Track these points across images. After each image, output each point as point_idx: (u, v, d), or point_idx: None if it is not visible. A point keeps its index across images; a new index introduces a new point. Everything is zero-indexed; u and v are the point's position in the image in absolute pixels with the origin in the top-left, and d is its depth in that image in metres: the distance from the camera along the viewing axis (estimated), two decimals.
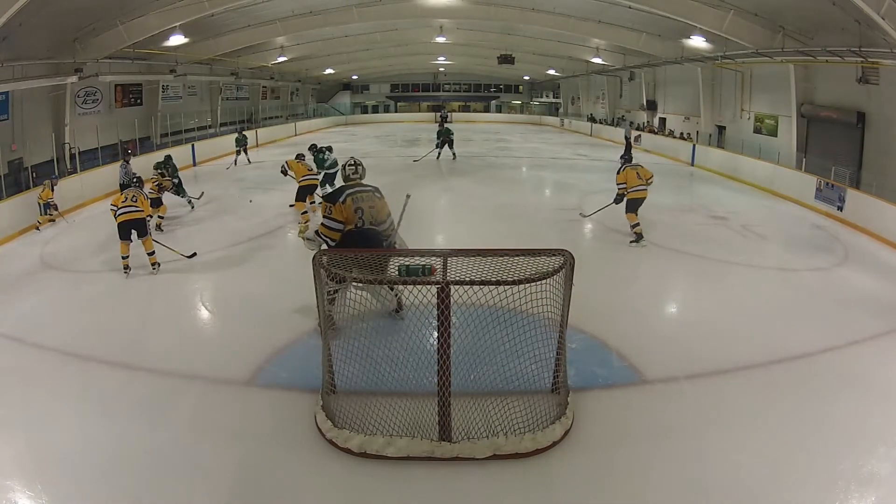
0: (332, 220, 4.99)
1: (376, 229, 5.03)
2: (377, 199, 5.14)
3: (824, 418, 4.05)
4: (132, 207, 6.98)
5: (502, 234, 8.80)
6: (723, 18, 12.78)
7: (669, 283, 7.13)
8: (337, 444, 3.67)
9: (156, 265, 7.13)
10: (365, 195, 5.09)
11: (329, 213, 5.01)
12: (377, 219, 5.07)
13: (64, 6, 10.89)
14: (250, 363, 4.73)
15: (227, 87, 22.89)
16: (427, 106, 37.77)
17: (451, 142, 16.92)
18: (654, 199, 12.04)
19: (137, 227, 7.01)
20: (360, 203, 5.01)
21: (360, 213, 4.97)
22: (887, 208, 9.15)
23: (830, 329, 5.53)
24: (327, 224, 5.02)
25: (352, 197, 5.01)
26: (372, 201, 5.08)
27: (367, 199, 5.07)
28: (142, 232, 7.06)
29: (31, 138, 12.34)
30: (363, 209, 5.00)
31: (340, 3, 16.23)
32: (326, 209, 5.05)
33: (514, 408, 3.76)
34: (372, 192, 5.16)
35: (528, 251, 3.85)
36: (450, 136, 16.96)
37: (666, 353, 4.96)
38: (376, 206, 5.09)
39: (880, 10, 8.80)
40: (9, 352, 5.07)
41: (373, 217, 5.03)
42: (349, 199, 4.98)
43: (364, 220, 4.99)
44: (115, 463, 3.52)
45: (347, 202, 4.97)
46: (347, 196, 5.00)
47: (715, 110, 18.22)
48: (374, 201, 5.11)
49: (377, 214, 5.08)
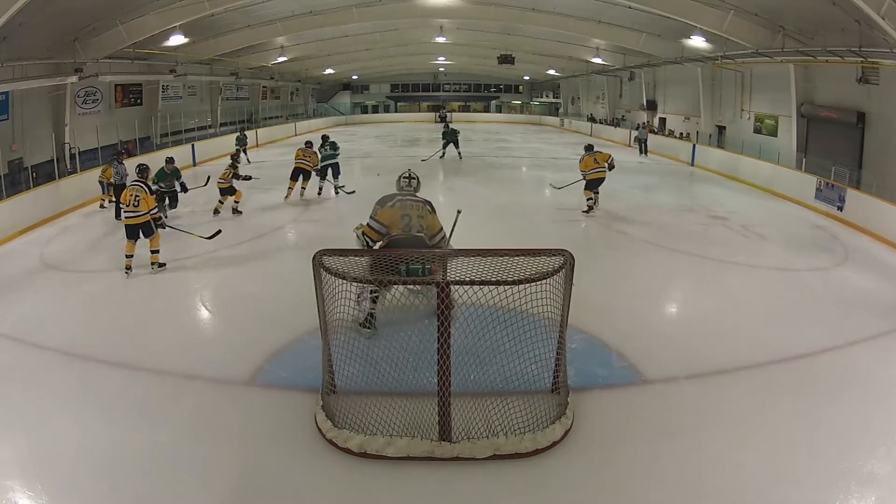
0: (375, 221, 5.18)
1: (422, 237, 5.12)
2: (427, 212, 5.26)
3: (824, 418, 4.05)
4: (134, 212, 6.96)
5: (502, 234, 8.80)
6: (723, 18, 12.77)
7: (669, 284, 7.13)
8: (337, 444, 3.66)
9: (155, 265, 7.12)
10: (415, 204, 5.23)
11: (375, 214, 5.21)
12: (427, 230, 5.18)
13: (64, 6, 10.89)
14: (250, 363, 4.72)
15: (227, 87, 22.89)
16: (427, 106, 37.80)
17: (456, 142, 16.91)
18: (654, 199, 12.13)
19: (143, 229, 7.01)
20: (408, 210, 5.15)
21: (406, 220, 5.11)
22: (887, 208, 9.14)
23: (830, 329, 5.53)
24: (371, 224, 5.19)
25: (401, 203, 5.19)
26: (421, 212, 5.21)
27: (416, 208, 5.20)
28: (147, 232, 7.04)
29: (31, 138, 12.33)
30: (410, 216, 5.13)
31: (340, 3, 16.23)
32: (375, 211, 5.24)
33: (514, 408, 3.76)
34: (423, 204, 5.28)
35: (528, 251, 3.85)
36: (455, 136, 16.96)
37: (666, 353, 4.95)
38: (426, 218, 5.21)
39: (880, 10, 8.80)
40: (9, 352, 5.07)
41: (420, 227, 5.14)
42: (398, 205, 5.16)
43: (411, 226, 5.09)
44: (115, 463, 3.52)
45: (396, 206, 5.15)
46: (397, 201, 5.20)
47: (715, 110, 18.21)
48: (424, 213, 5.23)
49: (426, 226, 5.19)
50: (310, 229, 8.69)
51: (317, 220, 9.77)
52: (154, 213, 7.13)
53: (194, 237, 7.50)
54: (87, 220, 10.18)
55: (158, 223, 7.26)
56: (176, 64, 17.12)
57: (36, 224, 9.56)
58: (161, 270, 7.13)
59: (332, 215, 9.00)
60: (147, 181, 7.43)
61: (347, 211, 9.82)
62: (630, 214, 10.40)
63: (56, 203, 10.33)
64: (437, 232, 5.30)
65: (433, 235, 5.24)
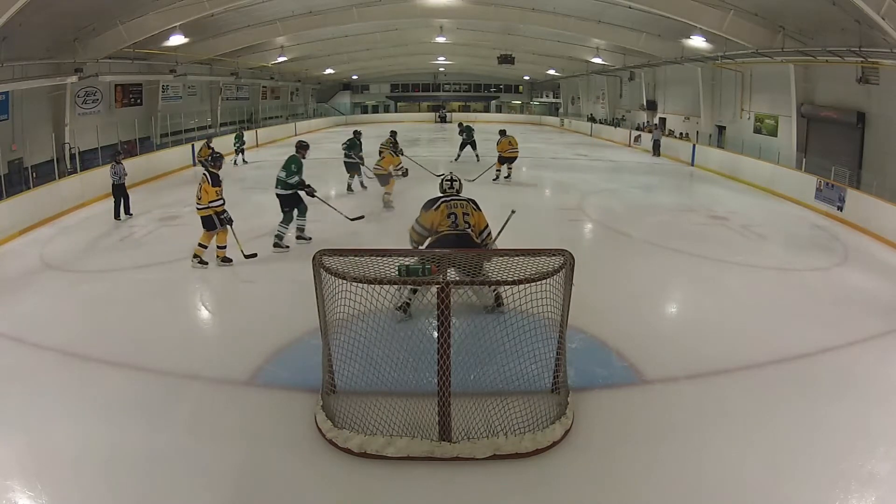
0: (419, 224, 5.49)
1: (470, 234, 5.34)
2: (472, 209, 5.50)
3: (824, 418, 4.05)
4: (197, 205, 6.79)
5: (502, 234, 8.77)
6: (723, 18, 12.78)
7: (669, 283, 7.13)
8: (337, 444, 3.66)
9: (222, 259, 6.93)
10: (460, 203, 5.49)
11: (419, 218, 5.51)
12: (475, 227, 5.41)
13: (64, 6, 10.90)
14: (250, 363, 4.72)
15: (227, 87, 22.89)
16: (427, 106, 37.81)
17: (473, 143, 16.63)
18: (654, 199, 12.13)
19: (204, 221, 6.84)
20: (454, 209, 5.40)
21: (453, 218, 5.35)
22: (887, 208, 9.15)
23: (830, 329, 5.53)
24: (414, 227, 5.51)
25: (446, 203, 5.44)
26: (467, 209, 5.45)
27: (461, 206, 5.45)
28: (207, 226, 6.84)
29: (31, 138, 12.33)
30: (456, 214, 5.37)
31: (340, 3, 16.23)
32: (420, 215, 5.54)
33: (514, 408, 3.76)
34: (468, 202, 5.54)
35: (528, 251, 3.85)
36: (472, 135, 16.70)
37: (666, 353, 4.95)
38: (472, 215, 5.44)
39: (880, 10, 8.80)
40: (9, 352, 5.07)
41: (467, 223, 5.37)
42: (443, 206, 5.41)
43: (458, 223, 5.33)
44: (115, 463, 3.52)
45: (441, 208, 5.39)
46: (442, 202, 5.45)
47: (715, 110, 18.22)
48: (470, 210, 5.46)
49: (473, 223, 5.42)
50: (310, 229, 8.66)
51: (317, 220, 9.76)
52: (215, 205, 6.77)
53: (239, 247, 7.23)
54: (86, 220, 10.18)
55: (223, 216, 6.91)
56: (176, 64, 17.13)
57: (36, 224, 9.55)
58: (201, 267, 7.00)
59: (331, 215, 9.00)
60: (214, 169, 6.88)
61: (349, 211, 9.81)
62: (630, 214, 10.41)
63: (56, 203, 10.32)
64: (483, 228, 5.50)
65: (480, 232, 5.46)
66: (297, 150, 7.87)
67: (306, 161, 7.94)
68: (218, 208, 6.79)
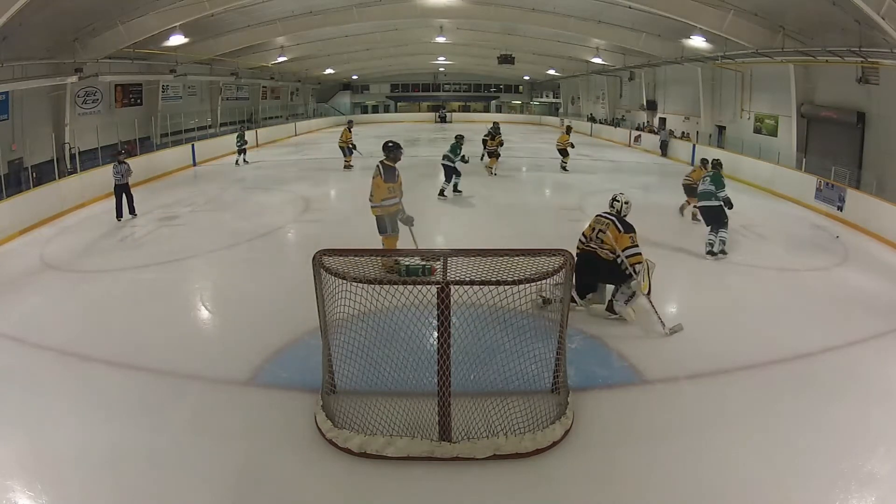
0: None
1: (594, 250, 5.69)
2: (609, 227, 5.74)
3: (824, 418, 4.05)
4: (371, 203, 6.17)
5: (502, 234, 8.81)
6: (723, 18, 12.78)
7: (669, 283, 7.10)
8: (337, 444, 3.66)
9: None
10: (600, 219, 5.88)
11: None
12: (607, 245, 5.67)
13: (64, 6, 10.90)
14: (250, 363, 4.72)
15: (227, 87, 22.89)
16: (427, 106, 37.81)
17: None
18: (654, 198, 12.10)
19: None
20: (594, 224, 5.87)
21: (590, 231, 5.89)
22: (887, 208, 9.14)
23: (830, 329, 5.53)
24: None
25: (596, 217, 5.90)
26: (603, 226, 5.78)
27: (600, 222, 5.80)
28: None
29: (31, 138, 12.34)
30: (594, 228, 5.86)
31: (340, 3, 16.23)
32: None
33: (514, 408, 3.76)
34: (609, 221, 5.80)
35: (528, 251, 3.85)
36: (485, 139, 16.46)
37: (666, 353, 4.96)
38: (605, 233, 5.69)
39: (880, 10, 8.80)
40: (9, 352, 5.07)
41: (600, 238, 5.70)
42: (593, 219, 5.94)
43: (589, 238, 5.79)
44: (115, 463, 3.52)
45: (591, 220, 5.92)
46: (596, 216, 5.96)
47: (715, 110, 18.22)
48: (604, 227, 5.75)
49: (606, 240, 5.67)
50: (310, 229, 8.69)
51: (317, 220, 9.77)
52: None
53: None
54: (87, 220, 10.18)
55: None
56: (176, 64, 17.12)
57: (36, 224, 9.56)
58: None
59: (332, 215, 9.01)
60: (389, 162, 6.22)
61: (349, 211, 9.82)
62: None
63: (56, 203, 10.33)
64: (625, 248, 5.54)
65: (618, 250, 5.56)
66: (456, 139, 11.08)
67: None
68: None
